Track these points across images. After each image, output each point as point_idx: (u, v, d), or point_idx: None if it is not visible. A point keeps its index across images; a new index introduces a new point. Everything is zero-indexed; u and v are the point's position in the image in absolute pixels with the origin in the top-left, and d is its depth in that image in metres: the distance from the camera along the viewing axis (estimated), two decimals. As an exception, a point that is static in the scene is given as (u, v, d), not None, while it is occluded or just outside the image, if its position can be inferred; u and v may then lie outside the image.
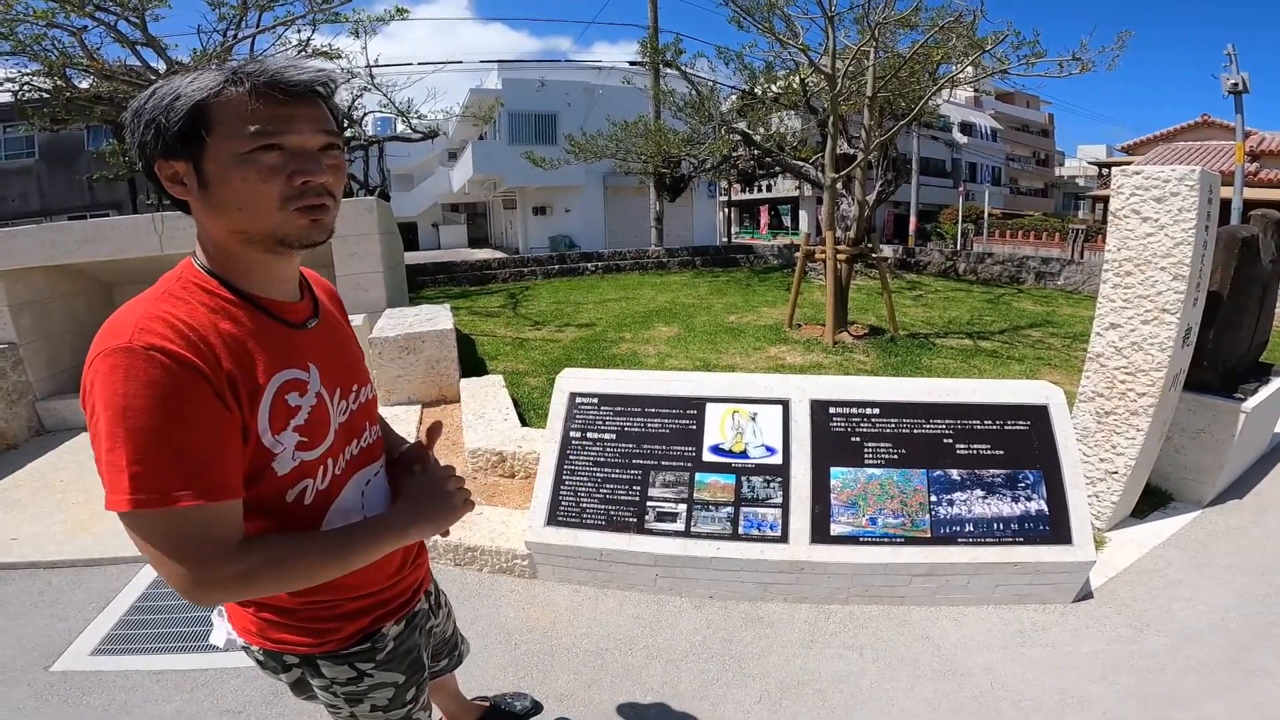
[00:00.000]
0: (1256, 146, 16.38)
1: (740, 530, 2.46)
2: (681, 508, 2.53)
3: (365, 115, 13.25)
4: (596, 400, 2.79)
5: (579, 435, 2.74)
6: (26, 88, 9.79)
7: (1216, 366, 3.15)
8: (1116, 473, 2.87)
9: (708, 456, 2.61)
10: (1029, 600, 2.43)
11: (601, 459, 2.67)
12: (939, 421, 2.58)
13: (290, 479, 0.87)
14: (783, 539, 2.42)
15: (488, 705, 1.83)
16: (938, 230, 25.29)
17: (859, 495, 2.47)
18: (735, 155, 10.85)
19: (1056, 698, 2.00)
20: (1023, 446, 2.52)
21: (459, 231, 28.07)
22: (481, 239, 29.03)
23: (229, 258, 0.85)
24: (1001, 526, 2.40)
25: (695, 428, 2.66)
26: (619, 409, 2.75)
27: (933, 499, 2.45)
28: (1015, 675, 2.09)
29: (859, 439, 2.58)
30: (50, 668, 2.19)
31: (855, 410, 2.63)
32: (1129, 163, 11.88)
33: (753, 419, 2.66)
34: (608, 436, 2.71)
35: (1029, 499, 2.44)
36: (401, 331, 4.49)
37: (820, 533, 2.42)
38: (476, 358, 5.88)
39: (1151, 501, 3.16)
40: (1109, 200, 2.93)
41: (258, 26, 9.87)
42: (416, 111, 12.57)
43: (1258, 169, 16.18)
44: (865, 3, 6.61)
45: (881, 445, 2.56)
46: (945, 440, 2.55)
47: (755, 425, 2.64)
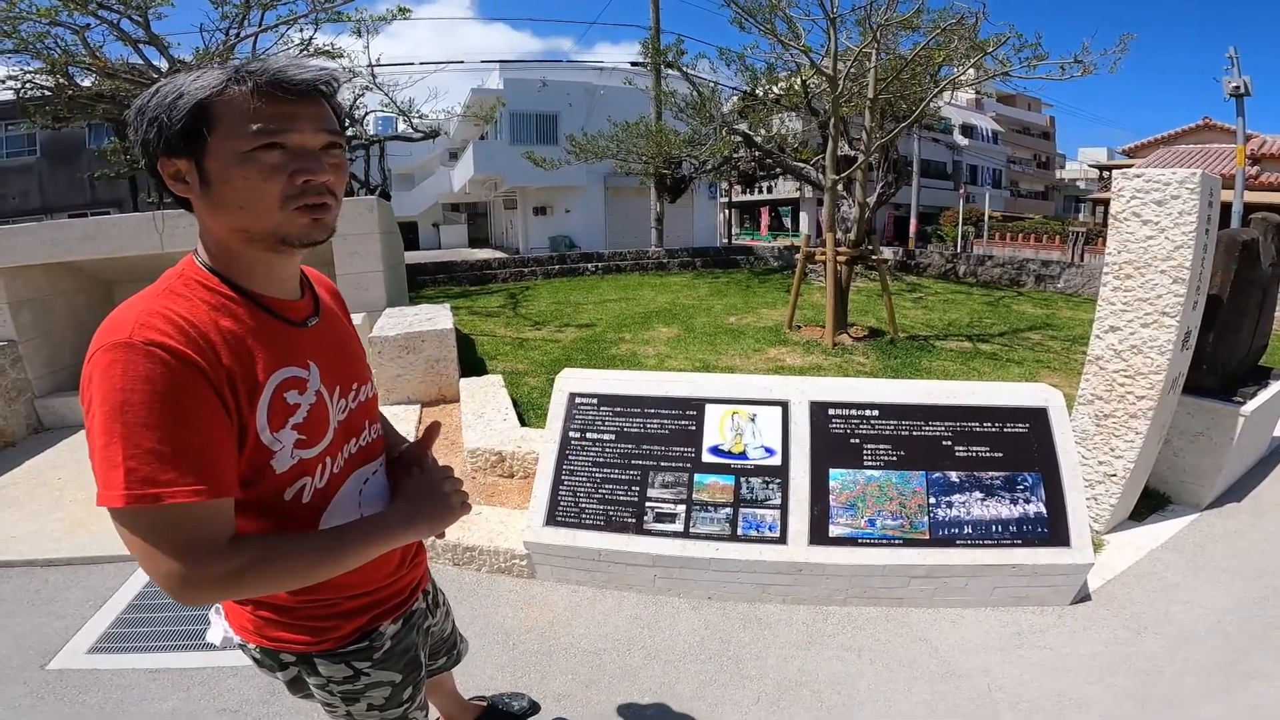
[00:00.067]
0: (1257, 150, 16.38)
1: (739, 531, 2.46)
2: (680, 508, 2.53)
3: (367, 114, 13.26)
4: (596, 401, 2.79)
5: (578, 435, 2.74)
6: (29, 85, 9.80)
7: (1216, 370, 3.15)
8: (1115, 475, 2.88)
9: (707, 457, 2.61)
10: (1027, 602, 2.43)
11: (600, 459, 2.67)
12: (938, 423, 2.58)
13: (289, 477, 0.87)
14: (781, 540, 2.42)
15: (485, 705, 1.83)
16: (938, 232, 25.27)
17: (858, 497, 2.47)
18: (736, 156, 10.84)
19: (1054, 699, 2.00)
20: (1022, 449, 2.53)
21: (459, 231, 28.05)
22: (482, 239, 29.03)
23: (230, 255, 0.85)
24: (1000, 529, 2.40)
25: (694, 429, 2.66)
26: (618, 409, 2.75)
27: (931, 501, 2.45)
28: (1013, 677, 2.09)
29: (858, 441, 2.58)
30: (46, 666, 2.19)
31: (854, 412, 2.63)
32: (1130, 166, 11.90)
33: (752, 420, 2.66)
34: (607, 437, 2.71)
35: (1028, 501, 2.44)
36: (401, 331, 4.49)
37: (819, 534, 2.42)
38: (476, 357, 5.88)
39: (1150, 504, 3.16)
40: (1109, 203, 2.93)
41: (260, 25, 9.88)
42: (418, 111, 12.57)
43: (1259, 172, 16.19)
44: (867, 4, 6.62)
45: (880, 447, 2.56)
46: (944, 442, 2.55)
47: (754, 426, 2.64)
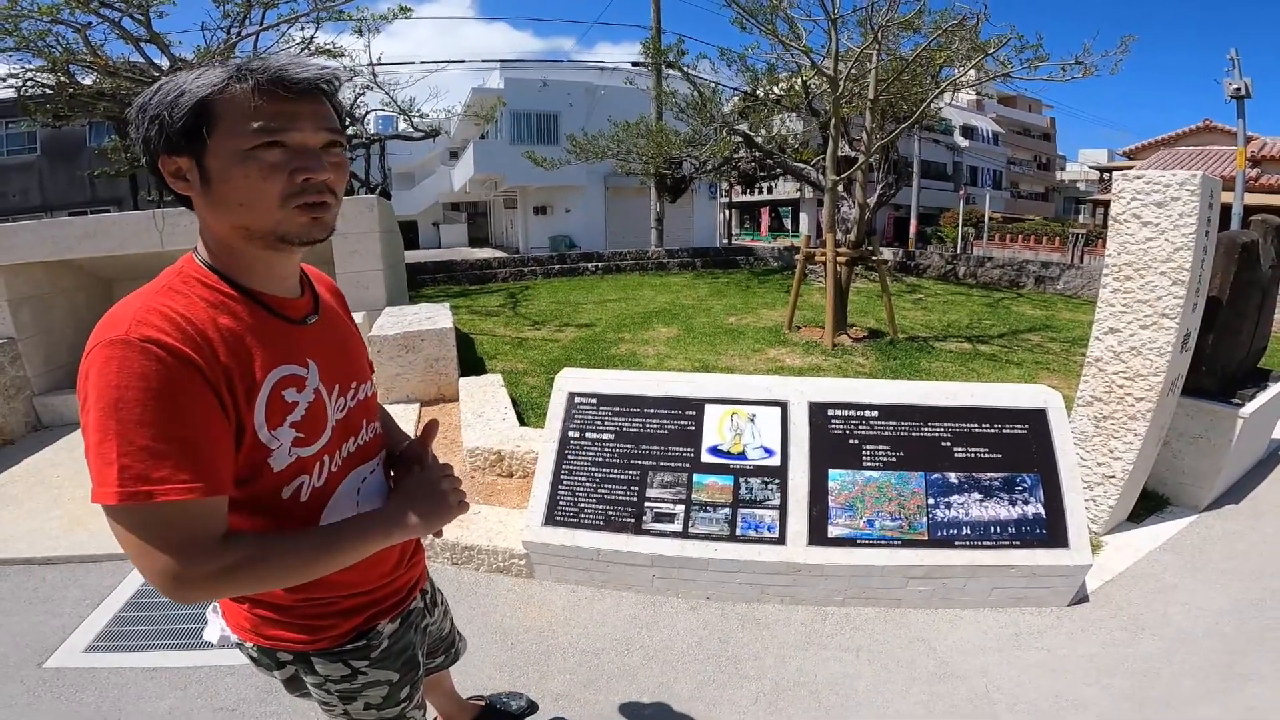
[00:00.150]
0: (1258, 152, 16.40)
1: (738, 531, 2.46)
2: (679, 509, 2.53)
3: (367, 113, 13.27)
4: (595, 400, 2.79)
5: (577, 435, 2.74)
6: (30, 83, 9.80)
7: (1215, 372, 3.15)
8: (1114, 477, 2.88)
9: (706, 457, 2.61)
10: (1025, 603, 2.43)
11: (600, 459, 2.67)
12: (937, 424, 2.58)
13: (286, 475, 0.87)
14: (780, 540, 2.42)
15: (483, 704, 1.83)
16: (938, 233, 25.28)
17: (856, 497, 2.47)
18: (736, 157, 10.85)
19: (1052, 701, 2.00)
20: (1020, 450, 2.53)
21: (459, 230, 28.05)
22: (482, 238, 29.03)
23: (230, 253, 0.85)
24: (998, 530, 2.40)
25: (694, 429, 2.66)
26: (618, 409, 2.75)
27: (930, 502, 2.45)
28: (1011, 678, 2.09)
29: (857, 441, 2.58)
30: (43, 664, 2.18)
31: (854, 413, 2.63)
32: (1130, 167, 11.89)
33: (751, 420, 2.66)
34: (606, 437, 2.71)
35: (1026, 502, 2.44)
36: (401, 330, 4.49)
37: (817, 534, 2.42)
38: (475, 357, 5.88)
39: (1148, 506, 3.16)
40: (1110, 205, 2.93)
41: (261, 24, 9.89)
42: (418, 110, 12.58)
43: (1259, 174, 16.21)
44: (869, 5, 6.62)
45: (880, 448, 2.56)
46: (943, 443, 2.55)
47: (754, 427, 2.64)
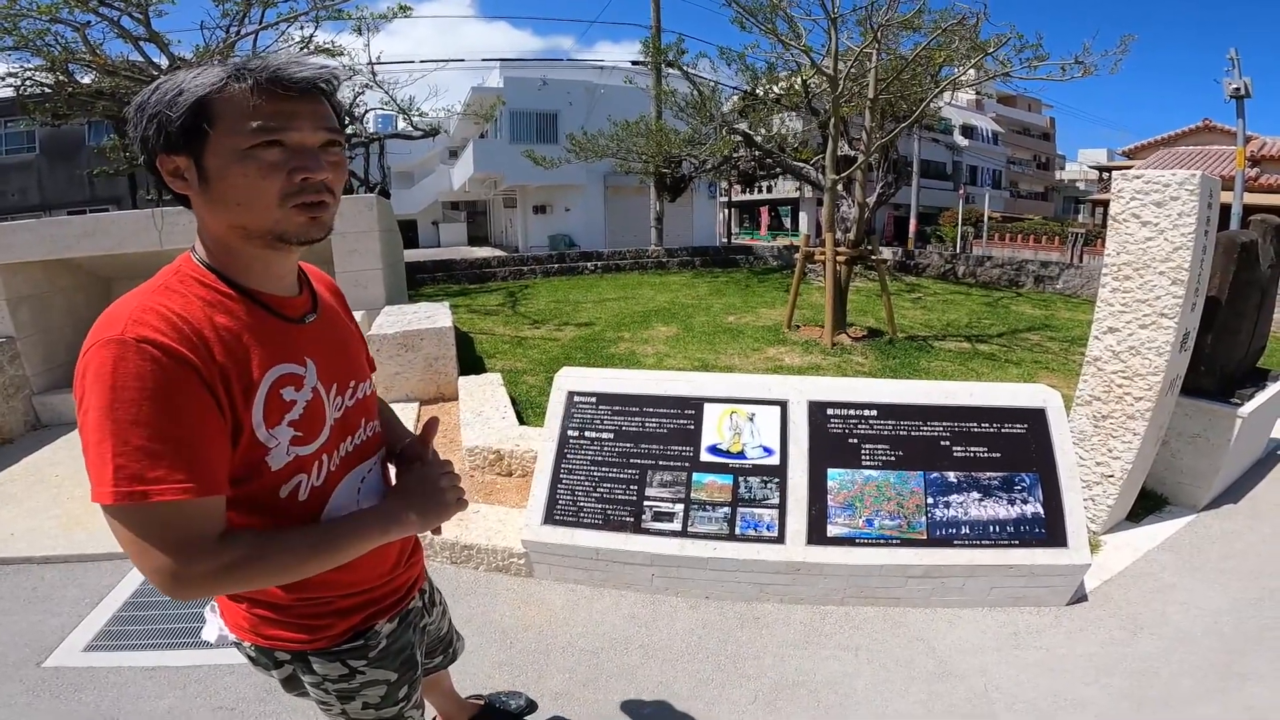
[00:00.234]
0: (1257, 151, 16.41)
1: (737, 531, 2.46)
2: (678, 508, 2.53)
3: (366, 112, 13.24)
4: (594, 399, 2.79)
5: (577, 434, 2.74)
6: (29, 82, 9.77)
7: (1214, 371, 3.15)
8: (1112, 476, 2.88)
9: (705, 457, 2.61)
10: (1024, 603, 2.43)
11: (599, 458, 2.67)
12: (936, 424, 2.58)
13: (284, 474, 0.87)
14: (779, 540, 2.42)
15: (482, 704, 1.83)
16: (937, 233, 25.29)
17: (856, 497, 2.47)
18: (736, 156, 10.84)
19: (1050, 700, 2.00)
20: (1019, 449, 2.53)
21: (459, 229, 28.03)
22: (481, 237, 29.00)
23: (228, 252, 0.85)
24: (997, 529, 2.40)
25: (693, 428, 2.66)
26: (617, 408, 2.75)
27: (929, 501, 2.45)
28: (1009, 677, 2.10)
29: (856, 440, 2.58)
30: (42, 664, 2.18)
31: (853, 412, 2.63)
32: (1129, 167, 11.90)
33: (750, 419, 2.66)
34: (605, 436, 2.71)
35: (1025, 502, 2.44)
36: (400, 329, 4.49)
37: (817, 534, 2.42)
38: (475, 356, 5.88)
39: (1147, 505, 3.16)
40: (1109, 204, 2.93)
41: (261, 23, 9.86)
42: (418, 109, 12.54)
43: (1258, 174, 16.21)
44: (869, 4, 6.62)
45: (879, 447, 2.56)
46: (942, 442, 2.55)
47: (753, 426, 2.64)
